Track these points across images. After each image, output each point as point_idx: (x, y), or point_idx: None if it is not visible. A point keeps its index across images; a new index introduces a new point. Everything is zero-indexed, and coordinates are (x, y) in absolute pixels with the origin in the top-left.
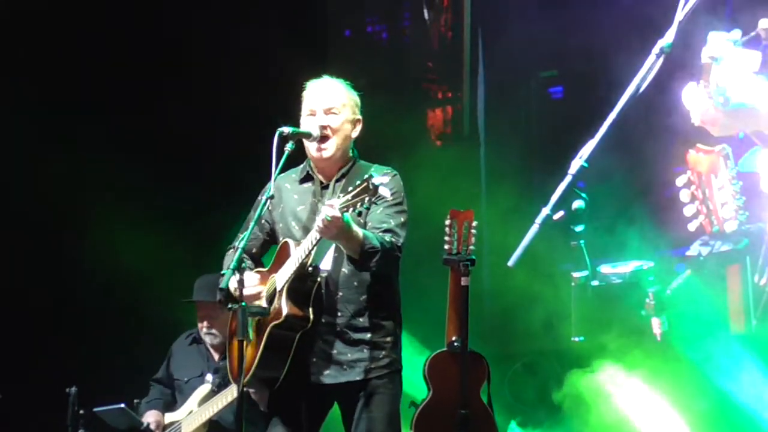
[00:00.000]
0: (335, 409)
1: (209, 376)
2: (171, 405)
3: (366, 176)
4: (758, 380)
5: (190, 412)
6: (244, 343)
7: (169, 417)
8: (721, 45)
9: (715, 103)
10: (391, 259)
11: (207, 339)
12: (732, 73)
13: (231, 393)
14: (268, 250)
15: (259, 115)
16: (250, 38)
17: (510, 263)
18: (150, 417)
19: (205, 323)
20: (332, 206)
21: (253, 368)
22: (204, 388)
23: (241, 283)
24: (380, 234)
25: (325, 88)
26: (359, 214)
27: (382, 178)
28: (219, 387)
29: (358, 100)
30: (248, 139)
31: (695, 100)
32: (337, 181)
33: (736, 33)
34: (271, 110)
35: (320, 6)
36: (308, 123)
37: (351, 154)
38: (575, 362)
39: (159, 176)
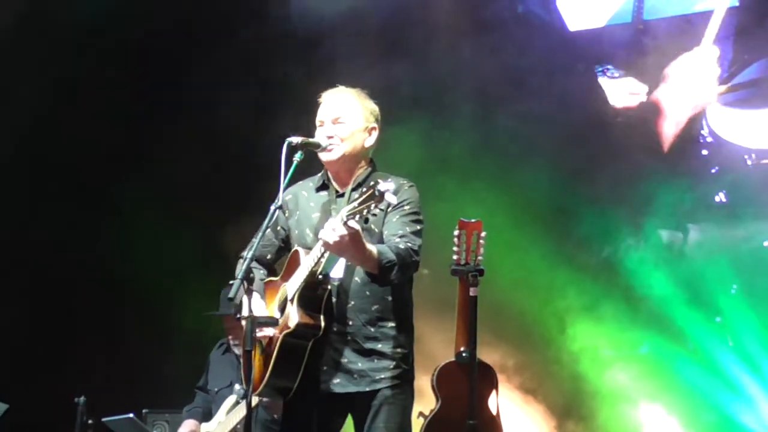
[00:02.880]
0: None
1: (236, 386)
2: (209, 414)
3: (371, 183)
4: None
5: (219, 422)
6: (252, 353)
7: (204, 427)
8: None
9: None
10: (409, 265)
11: (235, 350)
12: None
13: (253, 402)
14: (283, 257)
15: (271, 128)
16: (257, 44)
17: None
18: (185, 427)
19: (230, 336)
20: (334, 230)
21: (266, 378)
22: (231, 399)
23: (249, 292)
24: (396, 240)
25: (334, 99)
26: (366, 221)
27: (388, 184)
28: (243, 397)
29: (374, 108)
30: (261, 150)
31: None
32: (353, 189)
33: None
34: (279, 116)
35: None
36: (318, 133)
37: (366, 163)
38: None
39: (176, 182)
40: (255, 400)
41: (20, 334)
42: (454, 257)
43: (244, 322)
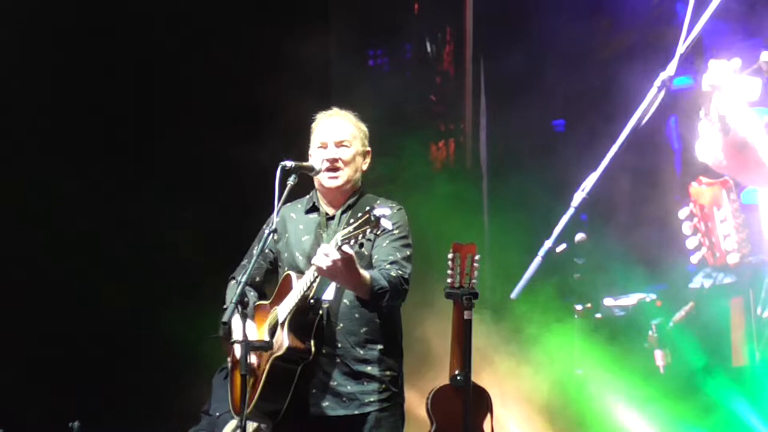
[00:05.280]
0: None
1: None
2: None
3: (368, 208)
4: (760, 413)
5: None
6: (247, 377)
7: None
8: (721, 72)
9: (716, 131)
10: (399, 293)
11: None
12: (732, 101)
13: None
14: (272, 279)
15: (264, 147)
16: (252, 69)
17: (513, 296)
18: None
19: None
20: (327, 254)
21: (254, 401)
22: (232, 424)
23: (243, 316)
24: (387, 266)
25: (336, 121)
26: (361, 246)
27: (384, 210)
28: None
29: (366, 131)
30: (253, 174)
31: (701, 134)
32: (344, 212)
33: (737, 61)
34: (275, 142)
35: (322, 39)
36: (319, 155)
37: (359, 186)
38: (577, 394)
39: (162, 208)
40: (254, 425)
41: (12, 357)
42: (449, 280)
43: (237, 346)
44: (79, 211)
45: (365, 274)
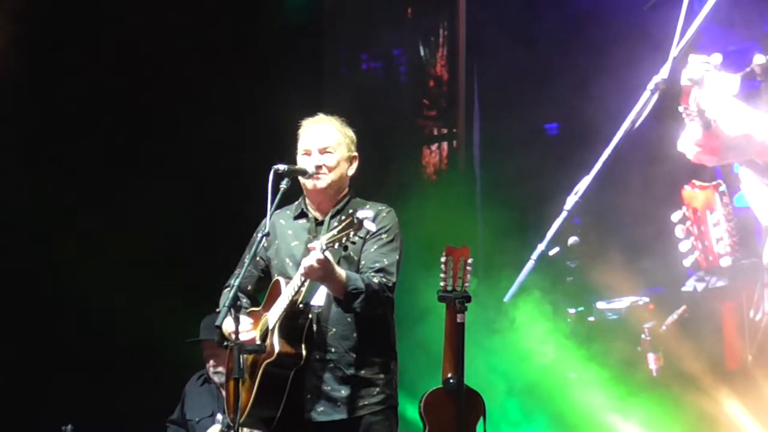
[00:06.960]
0: None
1: (219, 416)
2: None
3: (351, 211)
4: (753, 416)
5: None
6: (240, 381)
7: None
8: (700, 67)
9: (696, 124)
10: (378, 300)
11: (215, 378)
12: (712, 95)
13: None
14: (263, 287)
15: (255, 154)
16: (245, 73)
17: (506, 299)
18: None
19: (211, 362)
20: (315, 249)
21: (248, 408)
22: (214, 429)
23: (236, 320)
24: (371, 274)
25: (319, 128)
26: (345, 248)
27: (367, 212)
28: (228, 427)
29: (353, 136)
30: (245, 178)
31: (684, 128)
32: (332, 217)
33: (717, 57)
34: (267, 147)
35: (315, 44)
36: (303, 162)
37: (347, 191)
38: (571, 397)
39: (156, 215)
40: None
41: (5, 361)
42: (441, 284)
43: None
44: (79, 211)
45: (342, 272)
